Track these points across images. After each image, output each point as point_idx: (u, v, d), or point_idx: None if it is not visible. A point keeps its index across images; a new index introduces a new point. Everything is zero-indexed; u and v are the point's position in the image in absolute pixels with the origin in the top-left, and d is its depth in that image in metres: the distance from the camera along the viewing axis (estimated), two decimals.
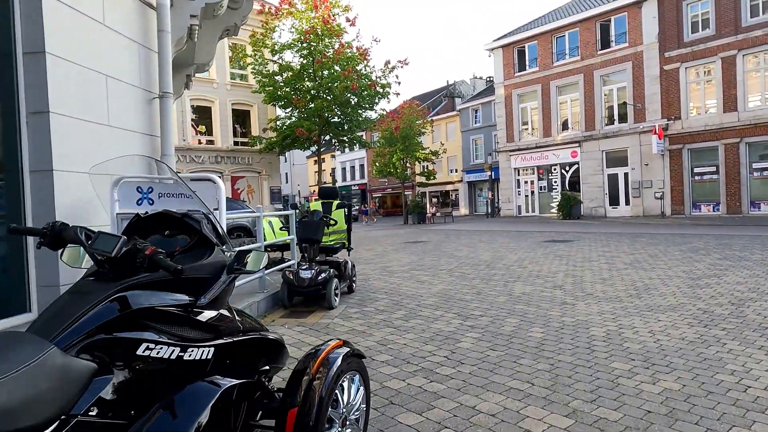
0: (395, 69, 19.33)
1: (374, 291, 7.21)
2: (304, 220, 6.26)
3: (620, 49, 24.96)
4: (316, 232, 6.07)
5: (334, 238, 6.94)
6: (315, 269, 5.95)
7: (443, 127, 45.66)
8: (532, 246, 12.75)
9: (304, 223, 6.16)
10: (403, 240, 16.72)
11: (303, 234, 6.09)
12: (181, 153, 18.92)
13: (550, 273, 8.39)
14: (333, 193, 7.03)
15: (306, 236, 6.08)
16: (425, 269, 9.31)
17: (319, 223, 6.13)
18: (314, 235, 6.06)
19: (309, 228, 6.09)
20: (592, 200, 26.19)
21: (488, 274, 8.50)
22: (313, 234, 6.06)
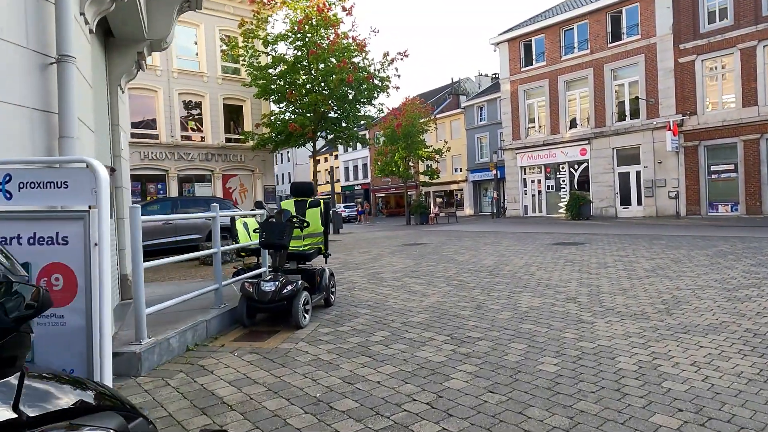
0: (395, 61, 18.33)
1: (356, 304, 6.19)
2: (269, 222, 5.25)
3: (632, 42, 23.82)
4: (282, 236, 5.07)
5: (309, 242, 5.93)
6: (280, 280, 4.94)
7: (447, 125, 44.59)
8: (540, 249, 11.69)
9: (268, 226, 5.16)
10: (402, 242, 15.70)
11: (266, 238, 5.09)
12: (168, 150, 18.02)
13: (561, 282, 7.34)
14: (307, 189, 6.03)
15: (269, 241, 5.08)
16: (420, 276, 8.28)
17: (285, 226, 5.12)
18: (279, 239, 5.05)
19: (273, 231, 5.08)
20: (602, 200, 25.06)
21: (491, 282, 7.46)
22: (278, 238, 5.06)
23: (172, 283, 7.71)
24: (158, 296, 6.15)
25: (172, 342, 4.02)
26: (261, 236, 5.14)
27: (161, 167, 17.79)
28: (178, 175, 18.10)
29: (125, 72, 5.98)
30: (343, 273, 9.04)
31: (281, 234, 5.08)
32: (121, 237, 5.93)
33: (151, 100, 17.91)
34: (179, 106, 18.42)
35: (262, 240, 5.13)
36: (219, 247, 5.21)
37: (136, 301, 3.79)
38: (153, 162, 17.54)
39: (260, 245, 5.19)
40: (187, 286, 7.10)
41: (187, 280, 8.50)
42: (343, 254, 12.76)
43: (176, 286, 7.12)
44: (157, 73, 17.77)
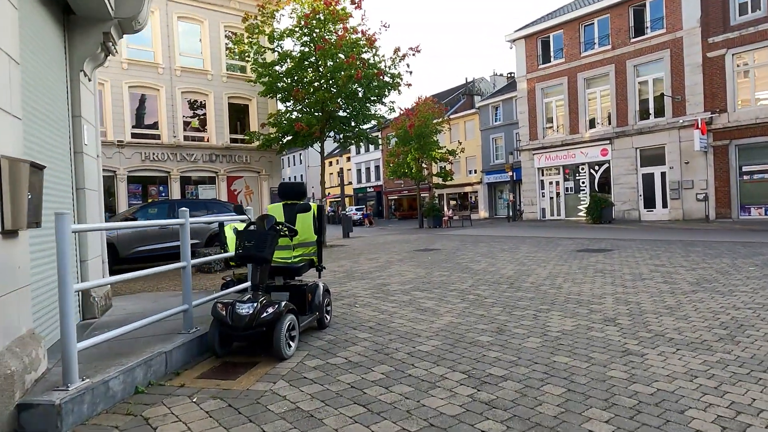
0: (406, 57, 17.42)
1: (356, 325, 5.29)
2: (248, 230, 4.39)
3: (656, 36, 22.65)
4: (262, 247, 4.20)
5: (300, 253, 5.06)
6: (260, 301, 4.07)
7: (461, 125, 43.58)
8: (564, 256, 10.70)
9: (246, 234, 4.29)
10: (414, 247, 14.79)
11: (243, 250, 4.22)
12: (171, 151, 17.32)
13: (594, 296, 6.37)
14: (297, 191, 5.15)
15: (247, 253, 4.21)
16: (431, 289, 7.36)
17: (266, 235, 4.25)
18: (258, 251, 4.18)
19: (252, 241, 4.22)
20: (624, 202, 23.88)
21: (512, 297, 6.52)
22: (258, 249, 4.19)
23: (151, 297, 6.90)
24: (124, 315, 5.34)
25: (112, 384, 3.17)
26: (237, 247, 4.27)
27: (163, 169, 17.10)
28: (180, 176, 17.41)
29: (89, 56, 5.17)
30: (346, 284, 8.15)
31: (262, 244, 4.21)
32: (83, 248, 5.11)
33: (153, 99, 17.24)
34: (182, 105, 17.73)
35: (238, 252, 4.26)
36: (188, 260, 4.35)
37: (64, 335, 2.94)
38: (154, 163, 16.86)
39: (236, 259, 4.33)
40: (167, 301, 6.27)
41: (171, 291, 7.68)
42: (350, 261, 11.88)
43: (152, 302, 6.29)
44: (159, 71, 17.11)
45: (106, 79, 16.00)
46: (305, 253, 5.07)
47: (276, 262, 4.90)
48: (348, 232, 23.98)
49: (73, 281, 3.01)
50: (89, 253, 5.19)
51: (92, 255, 5.31)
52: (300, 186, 5.17)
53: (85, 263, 5.11)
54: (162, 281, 9.32)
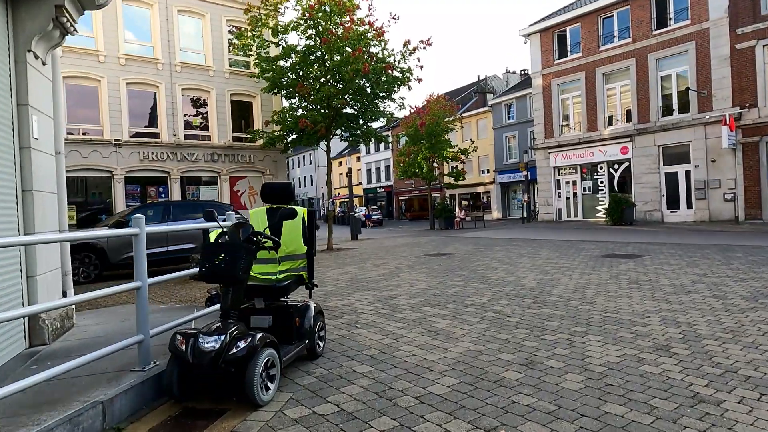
0: (416, 51, 16.50)
1: (354, 353, 4.43)
2: (218, 242, 3.54)
3: (680, 28, 21.51)
4: (233, 263, 3.35)
5: (286, 267, 4.20)
6: (230, 332, 3.22)
7: (473, 124, 42.55)
8: (590, 263, 9.74)
9: (213, 248, 3.44)
10: (425, 251, 13.90)
11: (207, 267, 3.37)
12: (170, 150, 16.59)
13: (635, 315, 5.45)
14: (283, 193, 4.29)
15: (213, 272, 3.36)
16: (444, 303, 6.47)
17: (239, 248, 3.41)
18: (228, 269, 3.34)
19: (219, 256, 3.37)
20: (645, 203, 22.76)
21: (539, 315, 5.61)
22: (227, 267, 3.34)
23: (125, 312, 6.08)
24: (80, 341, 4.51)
25: None
26: (201, 264, 3.43)
27: (163, 169, 16.38)
28: (181, 177, 16.67)
29: (38, 34, 4.36)
30: (348, 297, 7.29)
31: (233, 260, 3.37)
32: (30, 261, 4.30)
33: (151, 96, 16.54)
34: (182, 102, 17.00)
35: (202, 270, 3.41)
36: (144, 280, 3.52)
37: None
38: (153, 163, 16.15)
39: (199, 277, 3.48)
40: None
41: (156, 304, 6.88)
42: (355, 267, 11.03)
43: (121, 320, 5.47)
44: (158, 66, 16.40)
45: (103, 75, 15.34)
46: (293, 268, 4.21)
47: (256, 279, 4.06)
48: (357, 234, 23.15)
49: None
50: (39, 266, 4.38)
51: (45, 269, 4.50)
52: (286, 187, 4.31)
53: (34, 279, 4.30)
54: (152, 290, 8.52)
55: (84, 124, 15.45)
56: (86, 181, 15.50)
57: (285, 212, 3.83)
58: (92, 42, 15.34)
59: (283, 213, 3.83)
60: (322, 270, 10.89)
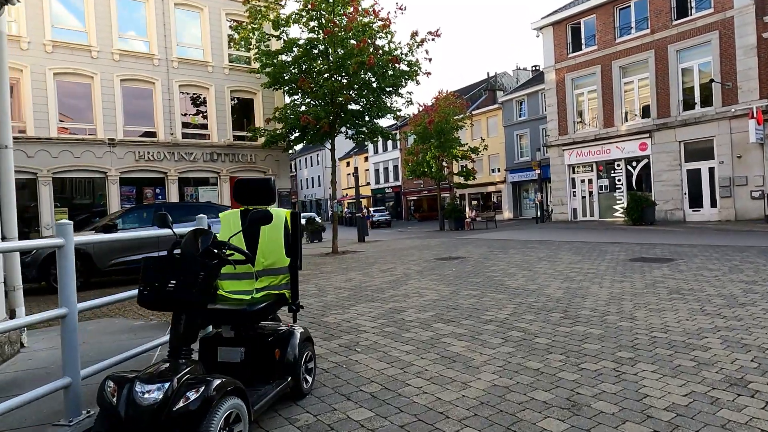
0: (425, 42, 15.63)
1: (350, 391, 3.57)
2: (165, 257, 2.71)
3: (703, 17, 20.45)
4: (187, 285, 2.51)
5: (265, 284, 3.36)
6: (179, 377, 2.39)
7: (483, 122, 41.57)
8: (618, 268, 8.82)
9: (159, 264, 2.61)
10: (435, 254, 13.02)
11: (151, 289, 2.54)
12: (167, 149, 15.84)
13: (688, 334, 4.55)
14: (261, 192, 3.44)
15: (155, 296, 2.53)
16: (459, 319, 5.61)
17: (191, 265, 2.57)
18: (179, 293, 2.50)
19: (167, 275, 2.54)
20: (666, 201, 21.70)
21: (573, 334, 4.72)
22: (176, 291, 2.51)
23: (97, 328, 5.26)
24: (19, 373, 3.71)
25: None
26: (141, 285, 2.59)
27: (159, 169, 15.64)
28: (178, 177, 15.93)
29: None
30: (350, 310, 6.44)
31: (187, 280, 2.53)
32: None
33: (148, 92, 15.81)
34: (180, 99, 16.27)
35: (143, 293, 2.58)
36: (73, 304, 2.69)
37: None
38: (150, 163, 15.41)
39: (139, 302, 2.65)
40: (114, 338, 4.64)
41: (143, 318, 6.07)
42: (360, 273, 10.18)
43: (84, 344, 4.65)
44: (154, 62, 15.67)
45: (96, 71, 14.64)
46: (273, 285, 3.37)
47: (227, 300, 3.23)
48: (364, 236, 22.33)
49: None
50: None
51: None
52: (265, 184, 3.45)
53: None
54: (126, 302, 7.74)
55: (76, 122, 14.77)
56: (79, 183, 14.82)
57: (256, 215, 2.99)
58: (84, 37, 14.65)
59: (254, 216, 2.99)
60: (324, 276, 10.07)
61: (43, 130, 13.86)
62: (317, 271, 11.21)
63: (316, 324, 5.73)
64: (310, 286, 8.88)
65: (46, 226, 13.78)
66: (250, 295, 3.32)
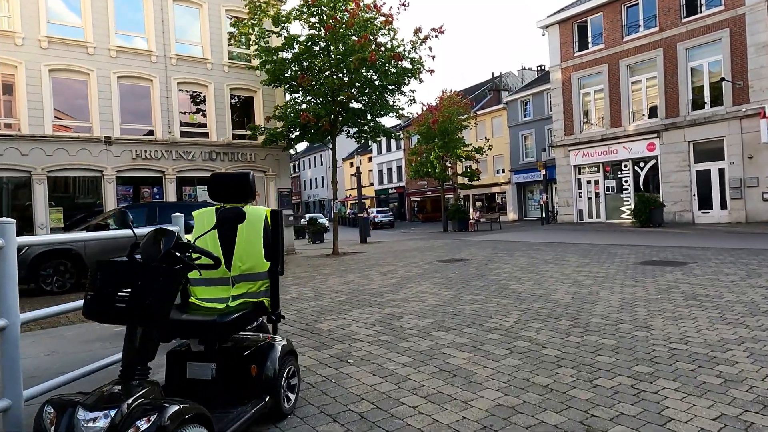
0: (428, 39, 15.25)
1: (338, 411, 3.21)
2: (119, 261, 2.35)
3: (713, 15, 19.99)
4: (140, 295, 2.16)
5: (242, 291, 3.01)
6: (131, 401, 2.04)
7: (488, 122, 41.14)
8: (629, 272, 8.42)
9: (110, 269, 2.25)
10: (437, 256, 12.65)
11: (96, 299, 2.19)
12: (165, 148, 15.53)
13: (710, 346, 4.17)
14: (239, 187, 3.08)
15: (102, 307, 2.18)
16: (461, 327, 5.24)
17: (148, 271, 2.22)
18: (132, 303, 2.16)
19: (121, 279, 2.19)
20: (674, 203, 21.23)
21: (584, 345, 4.34)
22: (128, 301, 2.16)
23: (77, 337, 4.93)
24: None
25: None
26: (87, 294, 2.24)
27: (157, 168, 15.31)
28: (176, 176, 15.59)
29: None
30: (345, 316, 6.08)
31: (145, 288, 2.19)
32: None
33: (145, 90, 15.49)
34: (178, 97, 15.94)
35: (88, 301, 2.23)
36: (14, 315, 2.34)
37: None
38: (147, 162, 15.09)
39: (85, 314, 2.31)
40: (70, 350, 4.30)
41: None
42: (359, 275, 9.83)
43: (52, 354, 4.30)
44: (152, 59, 15.36)
45: (92, 68, 14.35)
46: (250, 293, 3.02)
47: (198, 309, 2.88)
48: (366, 237, 21.99)
49: None
50: None
51: None
52: (243, 178, 3.09)
53: None
54: None
55: (72, 120, 14.48)
56: (74, 182, 14.52)
57: (226, 214, 2.64)
58: (80, 33, 14.35)
59: (224, 215, 2.64)
60: (322, 279, 9.72)
61: (38, 128, 13.57)
62: (315, 272, 10.87)
63: (308, 331, 5.37)
64: (307, 288, 8.53)
65: (41, 226, 13.50)
66: (225, 303, 2.97)
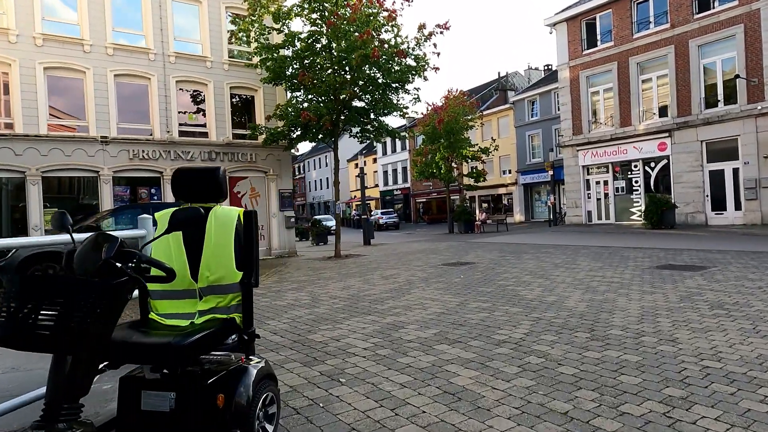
0: (433, 36, 14.82)
1: None
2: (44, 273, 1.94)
3: (726, 10, 19.41)
4: (65, 317, 1.73)
5: (210, 306, 2.56)
6: None
7: (494, 122, 40.61)
8: (645, 276, 7.92)
9: (35, 280, 1.82)
10: (442, 259, 12.19)
11: (8, 322, 1.76)
12: (164, 148, 15.15)
13: (748, 363, 3.69)
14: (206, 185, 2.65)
15: (13, 331, 1.75)
16: (467, 339, 4.77)
17: (76, 287, 1.79)
18: (54, 327, 1.72)
19: (44, 294, 1.76)
20: (687, 204, 20.64)
21: (604, 361, 3.87)
22: (51, 325, 1.72)
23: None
24: None
25: None
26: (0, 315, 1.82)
27: (155, 168, 14.94)
28: None
29: None
30: (341, 325, 5.64)
31: (74, 307, 1.76)
32: None
33: (143, 88, 15.13)
34: (177, 96, 15.56)
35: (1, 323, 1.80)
36: None
37: None
38: (144, 162, 14.72)
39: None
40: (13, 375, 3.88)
41: None
42: (360, 279, 9.39)
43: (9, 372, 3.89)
44: (150, 57, 15.01)
45: (88, 66, 13.99)
46: (220, 307, 2.58)
47: (156, 329, 2.45)
48: (369, 239, 21.56)
49: None
50: None
51: None
52: (210, 174, 2.66)
53: None
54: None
55: (67, 119, 14.14)
56: (69, 182, 14.17)
57: (179, 216, 2.21)
58: (76, 30, 14.00)
59: (177, 217, 2.21)
60: (321, 283, 9.29)
61: (32, 127, 13.23)
62: (315, 276, 10.44)
63: (300, 343, 4.93)
64: (304, 294, 8.10)
65: (35, 227, 13.15)
66: (190, 320, 2.53)
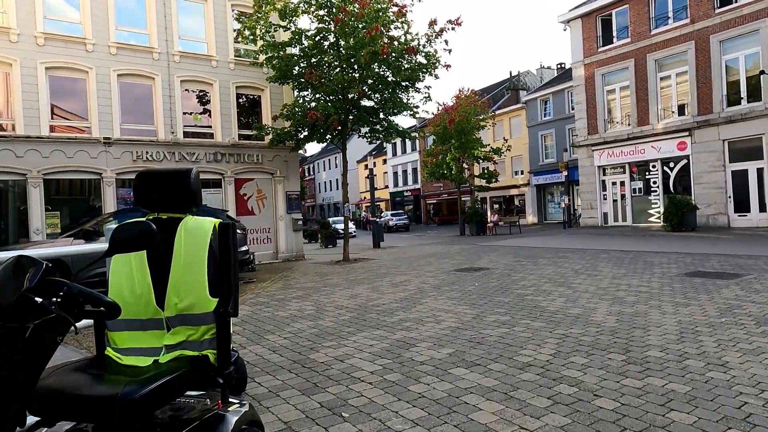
0: (444, 32, 14.32)
1: None
2: None
3: (749, 4, 18.67)
4: None
5: (181, 339, 2.08)
6: None
7: (506, 122, 39.96)
8: (675, 285, 7.34)
9: None
10: (455, 264, 11.66)
11: None
12: (168, 149, 14.79)
13: None
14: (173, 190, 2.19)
15: None
16: (487, 361, 4.26)
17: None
18: None
19: None
20: (708, 205, 19.90)
21: (648, 392, 3.33)
22: None
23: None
24: None
25: None
26: None
27: None
28: None
29: None
30: (347, 340, 5.14)
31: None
32: None
33: (147, 88, 14.80)
34: (181, 96, 15.21)
35: None
36: None
37: None
38: (148, 164, 14.37)
39: None
40: None
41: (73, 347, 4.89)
42: (368, 287, 8.90)
43: None
44: (154, 56, 14.67)
45: (91, 66, 13.69)
46: (192, 341, 2.09)
47: (110, 369, 1.97)
48: (379, 242, 21.08)
49: None
50: None
51: None
52: (179, 177, 2.19)
53: None
54: None
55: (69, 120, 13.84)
56: (72, 184, 13.87)
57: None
58: (79, 29, 13.70)
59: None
60: (327, 291, 8.81)
61: (34, 128, 12.94)
62: (322, 283, 9.97)
63: (300, 363, 4.45)
64: (308, 303, 7.63)
65: (36, 231, 12.84)
66: (154, 358, 2.06)
